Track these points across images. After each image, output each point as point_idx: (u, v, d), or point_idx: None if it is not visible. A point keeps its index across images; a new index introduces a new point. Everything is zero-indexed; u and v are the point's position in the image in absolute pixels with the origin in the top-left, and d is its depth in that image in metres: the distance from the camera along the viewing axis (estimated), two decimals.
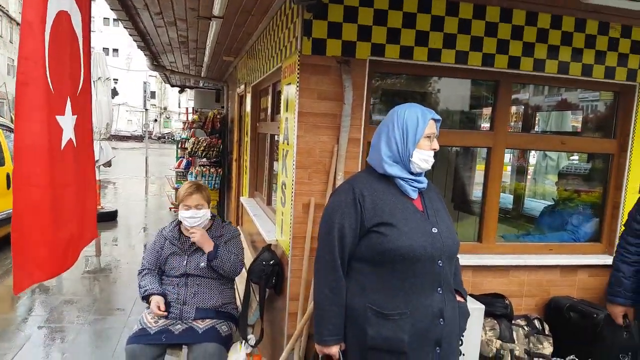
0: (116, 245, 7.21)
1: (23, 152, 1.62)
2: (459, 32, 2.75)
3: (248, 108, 4.70)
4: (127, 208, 10.16)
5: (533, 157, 5.17)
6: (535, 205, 4.84)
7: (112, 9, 3.55)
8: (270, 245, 2.98)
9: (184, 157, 9.72)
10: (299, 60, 2.56)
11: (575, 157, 4.36)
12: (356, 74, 2.62)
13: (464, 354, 2.45)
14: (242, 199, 4.93)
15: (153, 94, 41.03)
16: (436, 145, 1.83)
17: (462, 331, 1.94)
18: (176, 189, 9.75)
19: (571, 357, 2.73)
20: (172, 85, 10.24)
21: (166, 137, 40.55)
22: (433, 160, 1.83)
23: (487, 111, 3.72)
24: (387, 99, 3.18)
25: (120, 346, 3.72)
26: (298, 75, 2.57)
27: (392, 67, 2.81)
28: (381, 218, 1.74)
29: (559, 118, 4.61)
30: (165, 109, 48.72)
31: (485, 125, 3.54)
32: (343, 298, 1.77)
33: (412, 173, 1.81)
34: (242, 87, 5.16)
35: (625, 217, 3.10)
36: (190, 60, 6.28)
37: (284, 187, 2.87)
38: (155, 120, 44.05)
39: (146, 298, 2.74)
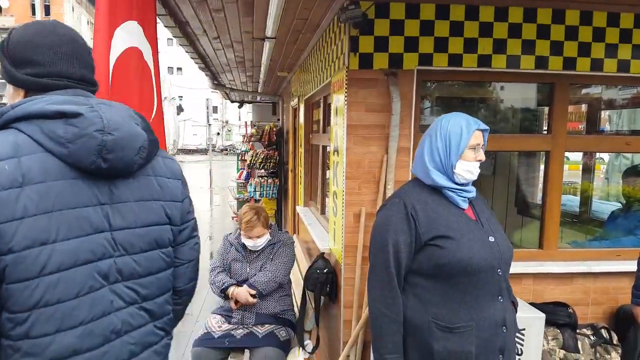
0: None
1: None
2: (509, 37, 2.72)
3: (301, 120, 4.85)
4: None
5: (600, 157, 4.88)
6: (605, 207, 4.58)
7: (174, 36, 3.83)
8: (323, 253, 3.08)
9: (244, 169, 10.07)
10: (346, 76, 2.64)
11: None
12: (403, 84, 2.67)
13: None
14: (297, 208, 5.07)
15: (215, 109, 42.66)
16: (482, 156, 1.79)
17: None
18: (238, 199, 10.12)
19: None
20: (232, 101, 10.68)
21: (228, 149, 42.05)
22: (479, 171, 1.80)
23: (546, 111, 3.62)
24: (437, 106, 3.20)
25: (189, 349, 3.94)
26: (346, 90, 2.65)
27: (440, 75, 2.84)
28: (438, 231, 1.71)
29: (632, 115, 4.36)
30: (226, 122, 50.57)
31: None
32: (401, 315, 1.74)
33: (456, 183, 1.78)
34: (296, 100, 5.33)
35: None
36: (247, 77, 6.55)
37: (335, 196, 2.96)
38: (218, 133, 45.78)
39: (224, 291, 2.88)
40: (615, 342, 2.73)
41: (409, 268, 1.75)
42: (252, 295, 2.81)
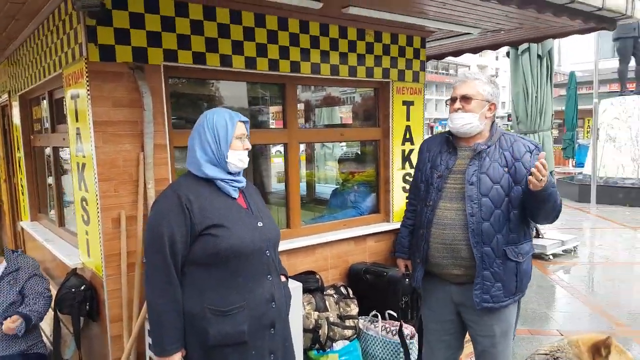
0: None
1: None
2: (245, 40, 2.95)
3: (17, 120, 4.08)
4: None
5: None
6: (323, 189, 5.44)
7: None
8: (75, 269, 2.72)
9: None
10: (86, 67, 2.40)
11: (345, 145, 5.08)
12: (152, 79, 2.59)
13: None
14: (22, 223, 4.27)
15: None
16: (248, 145, 1.97)
17: (289, 310, 2.13)
18: None
19: (373, 312, 3.25)
20: None
21: None
22: (248, 159, 1.97)
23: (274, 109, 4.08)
24: (187, 103, 3.22)
25: None
26: (87, 83, 2.41)
27: (187, 72, 2.86)
28: (211, 220, 1.79)
29: (330, 112, 5.29)
30: None
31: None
32: (180, 304, 1.79)
33: (230, 173, 1.91)
34: (5, 96, 4.43)
35: (395, 190, 3.84)
36: None
37: (84, 203, 2.65)
38: None
39: None
40: (351, 295, 3.34)
41: (184, 259, 1.80)
42: None
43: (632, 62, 11.94)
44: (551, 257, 6.61)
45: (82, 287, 2.57)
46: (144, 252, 1.84)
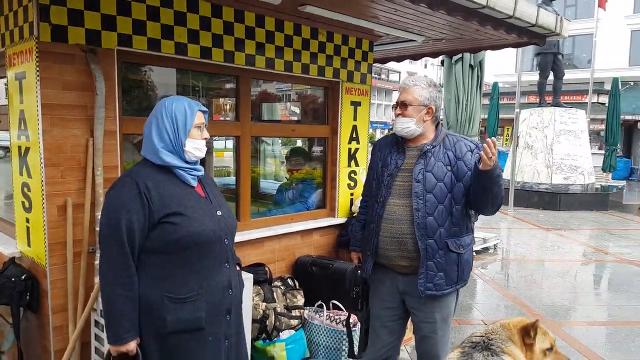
0: None
1: None
2: (201, 29, 2.94)
3: None
4: None
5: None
6: (265, 184, 5.47)
7: None
8: (14, 258, 2.57)
9: None
10: (37, 48, 2.29)
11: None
12: (105, 63, 2.52)
13: None
14: None
15: None
16: (207, 135, 1.98)
17: (242, 298, 2.17)
18: None
19: (318, 302, 3.35)
20: None
21: None
22: (205, 149, 1.98)
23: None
24: (140, 90, 3.13)
25: None
26: (37, 64, 2.30)
27: (141, 58, 2.80)
28: (170, 208, 1.79)
29: (270, 108, 5.35)
30: None
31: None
32: (136, 292, 1.77)
33: (187, 162, 1.91)
34: None
35: (341, 186, 3.97)
36: None
37: (26, 190, 2.52)
38: None
39: None
40: (297, 287, 3.43)
41: (141, 247, 1.79)
42: None
43: (551, 76, 13.03)
44: (474, 253, 7.10)
45: (23, 277, 2.44)
46: (99, 240, 1.80)
